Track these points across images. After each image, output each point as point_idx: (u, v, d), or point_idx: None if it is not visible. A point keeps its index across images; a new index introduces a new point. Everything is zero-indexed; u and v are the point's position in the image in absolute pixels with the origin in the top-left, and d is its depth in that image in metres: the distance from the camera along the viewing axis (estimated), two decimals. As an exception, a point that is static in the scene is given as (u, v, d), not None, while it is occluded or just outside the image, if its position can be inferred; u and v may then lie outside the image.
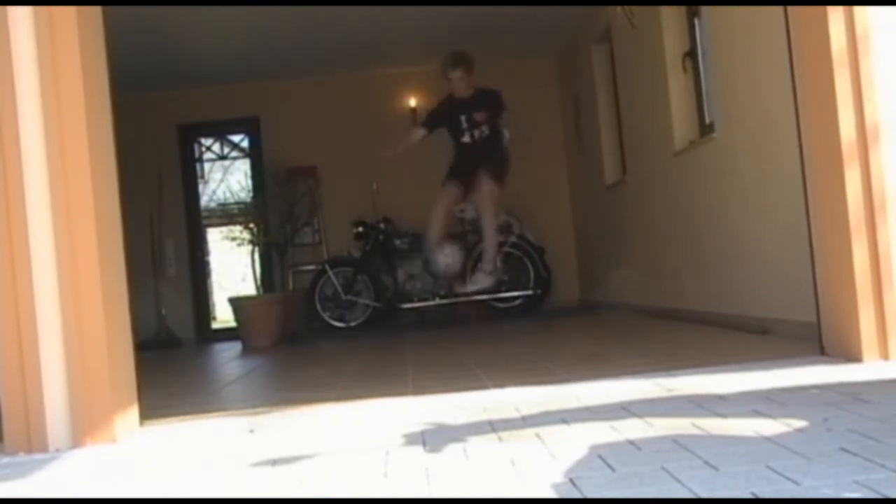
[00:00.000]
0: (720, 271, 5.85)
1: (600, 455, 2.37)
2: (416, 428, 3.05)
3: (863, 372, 3.40)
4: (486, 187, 7.57)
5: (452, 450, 2.65)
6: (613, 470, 2.21)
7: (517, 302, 9.18)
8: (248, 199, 9.86)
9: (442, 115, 7.79)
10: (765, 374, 3.52)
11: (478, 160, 7.63)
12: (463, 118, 7.62)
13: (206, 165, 11.32)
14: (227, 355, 7.90)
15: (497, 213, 7.75)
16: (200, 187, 11.01)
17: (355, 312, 9.17)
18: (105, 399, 3.37)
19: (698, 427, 2.63)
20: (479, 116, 7.60)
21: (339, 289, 9.14)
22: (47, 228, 3.34)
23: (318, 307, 9.14)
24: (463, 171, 7.72)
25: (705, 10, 5.89)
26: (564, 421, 2.93)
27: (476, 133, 7.65)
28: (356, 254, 9.22)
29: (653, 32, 6.73)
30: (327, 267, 9.24)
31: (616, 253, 8.51)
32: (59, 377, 3.32)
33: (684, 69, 6.51)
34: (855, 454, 2.14)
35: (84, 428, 3.33)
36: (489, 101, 7.62)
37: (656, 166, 7.01)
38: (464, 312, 9.19)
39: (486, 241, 7.71)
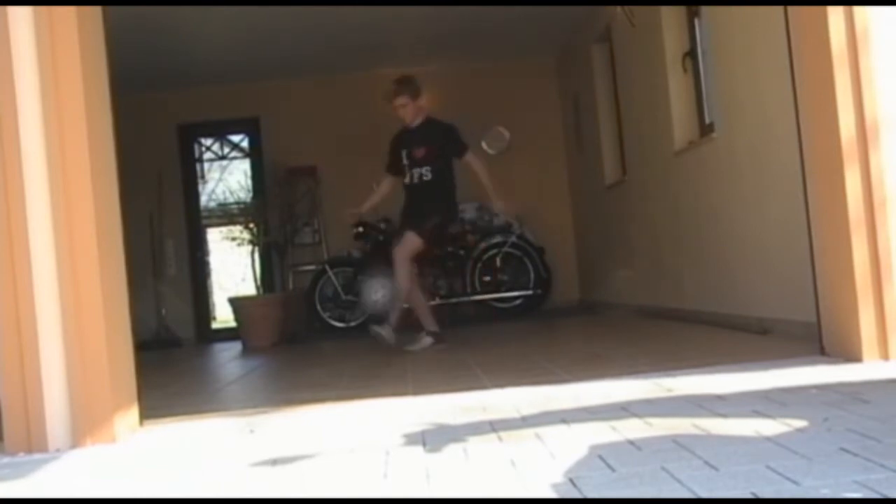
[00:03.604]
0: (720, 271, 5.85)
1: (600, 455, 2.37)
2: (416, 428, 3.05)
3: (863, 372, 3.40)
4: (402, 243, 6.28)
5: (452, 450, 2.65)
6: (613, 470, 2.21)
7: (517, 302, 9.20)
8: (248, 199, 9.86)
9: (392, 155, 6.58)
10: (765, 374, 3.52)
11: (412, 210, 6.39)
12: (404, 153, 6.42)
13: (206, 165, 11.31)
14: (227, 355, 7.90)
15: (410, 272, 6.29)
16: (200, 187, 11.01)
17: (355, 312, 9.18)
18: (105, 399, 3.37)
19: (698, 427, 2.63)
20: (417, 152, 6.35)
21: (339, 289, 9.15)
22: (47, 228, 3.33)
23: (318, 307, 9.15)
24: (403, 223, 6.50)
25: (705, 10, 5.90)
26: (564, 421, 2.93)
27: (416, 174, 6.35)
28: (356, 254, 9.22)
29: (653, 32, 6.73)
30: (327, 267, 9.25)
31: (616, 253, 8.51)
32: (59, 377, 3.32)
33: (684, 69, 6.51)
34: (855, 454, 2.13)
35: (84, 428, 3.33)
36: (435, 136, 6.38)
37: (656, 166, 7.00)
38: (464, 312, 9.20)
39: (410, 299, 6.39)
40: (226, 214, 10.59)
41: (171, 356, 8.28)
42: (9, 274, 3.32)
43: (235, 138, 10.96)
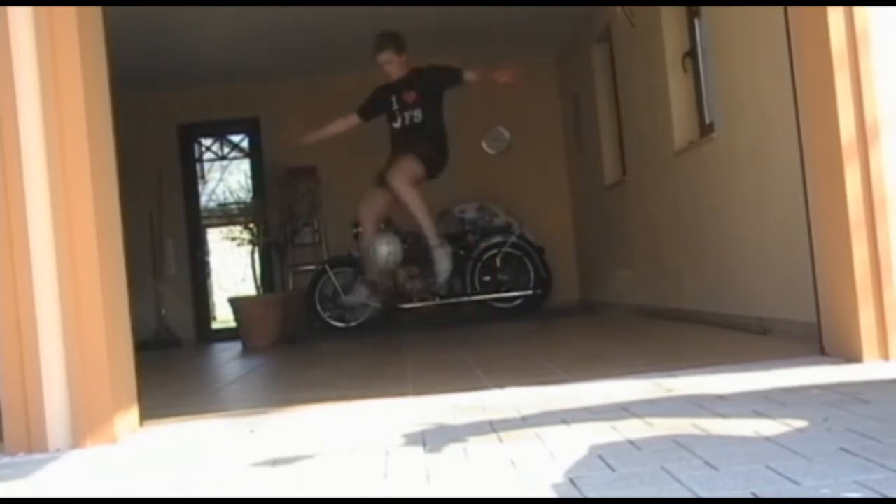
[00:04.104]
0: (720, 271, 5.85)
1: (600, 455, 2.37)
2: (416, 428, 3.05)
3: (863, 372, 3.40)
4: (400, 163, 6.47)
5: (452, 450, 2.65)
6: (613, 470, 2.21)
7: (517, 302, 9.19)
8: (248, 199, 9.86)
9: (376, 100, 6.85)
10: (765, 374, 3.52)
11: (405, 147, 6.63)
12: (394, 99, 6.72)
13: (206, 165, 11.31)
14: (227, 355, 7.90)
15: (415, 194, 6.50)
16: (200, 187, 11.01)
17: (355, 312, 9.18)
18: (105, 399, 3.36)
19: (698, 427, 2.63)
20: (408, 97, 6.64)
21: (339, 289, 9.15)
22: (47, 228, 3.33)
23: (318, 307, 9.14)
24: (390, 163, 6.79)
25: (705, 10, 5.89)
26: (564, 421, 2.92)
27: (407, 116, 6.64)
28: (356, 254, 9.22)
29: (653, 32, 6.73)
30: (327, 267, 9.25)
31: (616, 253, 8.51)
32: (59, 377, 3.32)
33: (684, 69, 6.51)
34: (855, 454, 2.13)
35: (84, 428, 3.33)
36: (422, 80, 6.64)
37: (656, 166, 7.00)
38: (464, 312, 9.19)
39: (417, 219, 6.56)
40: (226, 214, 10.60)
41: (171, 356, 8.28)
42: (9, 274, 3.32)
43: (235, 138, 10.96)
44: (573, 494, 2.03)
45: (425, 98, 6.47)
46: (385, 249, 6.73)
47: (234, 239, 9.24)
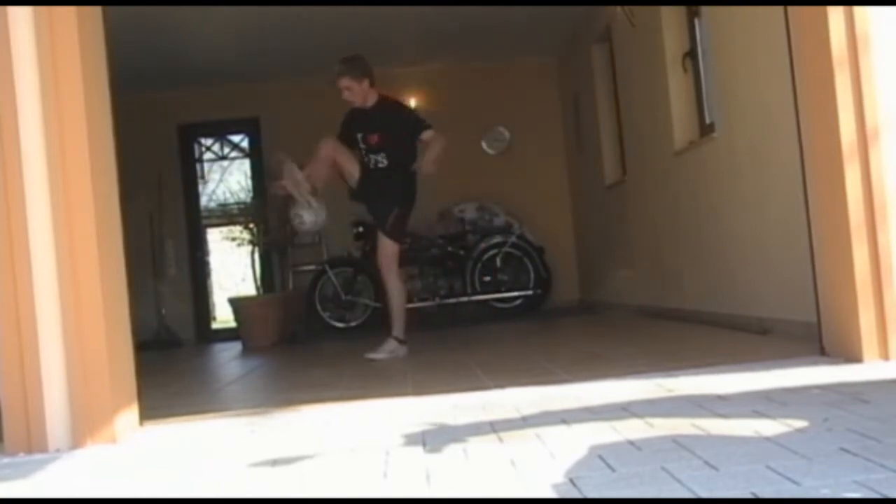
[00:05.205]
0: (720, 271, 5.85)
1: (600, 455, 2.37)
2: (416, 428, 3.05)
3: (863, 372, 3.40)
4: (381, 249, 6.06)
5: (452, 450, 2.65)
6: (613, 470, 2.21)
7: (517, 302, 9.20)
8: (248, 200, 9.86)
9: (347, 127, 6.18)
10: (765, 374, 3.52)
11: (373, 197, 6.10)
12: (359, 136, 6.03)
13: (206, 165, 11.31)
14: (227, 355, 7.90)
15: (396, 271, 6.09)
16: (200, 187, 11.01)
17: (355, 312, 9.18)
18: (105, 399, 3.36)
19: (698, 427, 2.63)
20: (371, 139, 5.97)
21: (339, 289, 9.15)
22: (47, 228, 3.33)
23: (318, 307, 9.15)
24: (362, 194, 6.20)
25: (705, 10, 5.90)
26: (564, 421, 2.93)
27: (372, 160, 6.00)
28: (356, 254, 9.23)
29: (653, 32, 6.73)
30: (327, 267, 9.25)
31: (616, 253, 8.51)
32: (59, 377, 3.32)
33: (684, 69, 6.51)
34: (855, 454, 2.13)
35: (84, 428, 3.33)
36: (390, 122, 6.00)
37: (656, 166, 7.00)
38: (464, 312, 9.20)
39: (391, 305, 6.09)
40: (226, 214, 10.60)
41: (171, 356, 8.28)
42: (9, 274, 3.32)
43: (235, 138, 10.96)
44: (573, 494, 2.03)
45: (390, 141, 5.93)
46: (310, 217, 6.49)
47: (234, 239, 9.25)
